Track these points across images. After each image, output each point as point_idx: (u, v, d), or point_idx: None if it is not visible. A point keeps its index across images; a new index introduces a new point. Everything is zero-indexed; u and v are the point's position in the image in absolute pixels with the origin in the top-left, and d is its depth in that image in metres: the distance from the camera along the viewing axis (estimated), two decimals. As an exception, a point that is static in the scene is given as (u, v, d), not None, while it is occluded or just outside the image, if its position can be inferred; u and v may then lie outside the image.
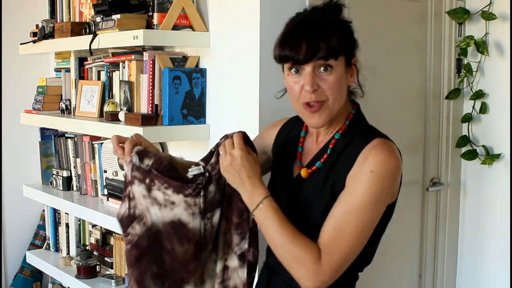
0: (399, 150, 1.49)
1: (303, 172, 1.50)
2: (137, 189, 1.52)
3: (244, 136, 1.48)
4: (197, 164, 1.53)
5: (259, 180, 1.44)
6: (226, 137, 1.49)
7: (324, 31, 1.38)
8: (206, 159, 1.53)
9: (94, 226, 2.68)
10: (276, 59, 1.46)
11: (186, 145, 2.32)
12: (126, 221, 1.53)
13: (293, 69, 1.42)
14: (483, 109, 2.69)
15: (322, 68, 1.39)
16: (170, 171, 1.52)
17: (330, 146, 1.48)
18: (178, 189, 1.49)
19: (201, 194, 1.48)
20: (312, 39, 1.37)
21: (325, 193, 1.45)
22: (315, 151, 1.52)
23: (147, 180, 1.51)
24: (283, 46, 1.41)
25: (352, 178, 1.40)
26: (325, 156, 1.48)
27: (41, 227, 3.32)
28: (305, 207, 1.48)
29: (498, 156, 2.66)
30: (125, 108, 2.34)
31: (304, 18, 1.43)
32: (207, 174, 1.50)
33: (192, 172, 1.51)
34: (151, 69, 2.20)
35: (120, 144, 1.56)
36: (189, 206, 1.48)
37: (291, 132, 1.63)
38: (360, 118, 1.54)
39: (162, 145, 2.41)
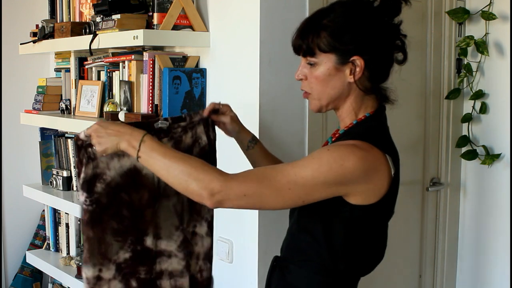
0: (397, 155, 1.51)
1: None
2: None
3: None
4: (166, 120, 1.61)
5: (131, 128, 1.46)
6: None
7: (309, 30, 1.45)
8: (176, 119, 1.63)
9: (94, 226, 2.68)
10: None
11: (186, 145, 2.32)
12: (90, 183, 1.53)
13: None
14: (483, 109, 2.70)
15: (308, 62, 1.48)
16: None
17: (333, 140, 1.55)
18: None
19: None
20: (298, 35, 1.47)
21: None
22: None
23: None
24: (292, 38, 1.50)
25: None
26: None
27: (41, 227, 3.32)
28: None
29: (498, 156, 2.66)
30: (125, 108, 2.34)
31: (314, 13, 1.50)
32: (167, 123, 1.59)
33: (158, 124, 1.58)
34: (151, 69, 2.21)
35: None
36: None
37: None
38: (371, 122, 1.53)
39: (162, 145, 2.41)
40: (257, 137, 1.89)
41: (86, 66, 2.67)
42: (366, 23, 1.46)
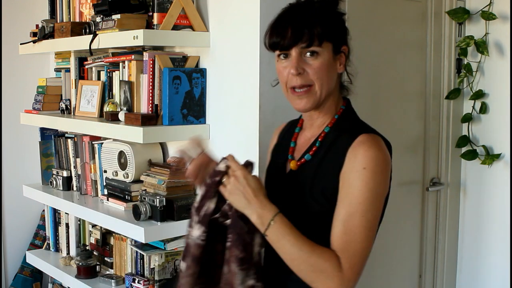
0: (389, 142, 1.49)
1: (292, 164, 1.51)
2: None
3: (247, 162, 1.47)
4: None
5: (266, 198, 1.41)
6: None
7: (308, 18, 1.42)
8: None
9: (94, 226, 2.68)
10: (266, 47, 1.49)
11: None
12: (210, 212, 1.48)
13: (282, 54, 1.45)
14: (483, 109, 2.70)
15: (308, 53, 1.42)
16: None
17: (319, 139, 1.49)
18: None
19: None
20: (297, 25, 1.41)
21: (316, 185, 1.45)
22: (306, 145, 1.53)
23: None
24: (271, 33, 1.45)
25: (347, 176, 1.40)
26: (314, 149, 1.49)
27: (41, 227, 3.32)
28: (297, 199, 1.48)
29: (498, 156, 2.66)
30: (125, 108, 2.34)
31: (292, 7, 1.47)
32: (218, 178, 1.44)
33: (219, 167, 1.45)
34: (151, 69, 2.20)
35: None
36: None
37: (287, 132, 1.65)
38: (350, 113, 1.55)
39: (162, 145, 2.41)
40: (257, 137, 1.89)
41: (86, 66, 2.67)
42: (342, 14, 1.50)
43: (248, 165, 1.46)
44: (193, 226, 1.46)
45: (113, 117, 2.32)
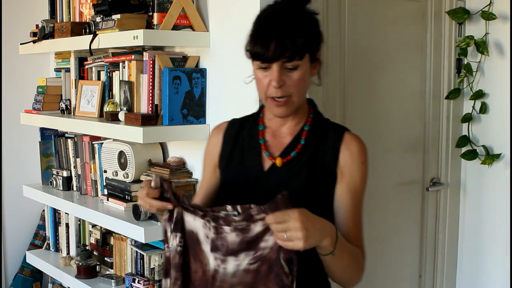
0: None
1: (278, 161, 1.54)
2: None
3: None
4: (235, 209, 1.42)
5: (324, 220, 1.39)
6: (260, 209, 1.37)
7: (291, 30, 1.43)
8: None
9: (94, 226, 2.68)
10: (247, 54, 1.50)
11: (186, 145, 2.32)
12: (180, 218, 1.48)
13: (262, 66, 1.47)
14: (483, 109, 2.70)
15: (289, 67, 1.45)
16: None
17: (303, 137, 1.55)
18: (191, 212, 1.46)
19: (212, 223, 1.42)
20: (280, 38, 1.42)
21: (306, 178, 1.52)
22: (285, 142, 1.57)
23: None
24: (255, 43, 1.46)
25: (348, 169, 1.52)
26: (299, 146, 1.55)
27: (41, 227, 3.32)
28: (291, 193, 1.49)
29: (498, 156, 2.66)
30: (125, 108, 2.34)
31: (276, 12, 1.48)
32: (236, 213, 1.40)
33: (225, 212, 1.42)
34: (151, 69, 2.21)
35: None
36: (206, 225, 1.43)
37: (242, 130, 1.65)
38: (319, 112, 1.63)
39: (162, 145, 2.41)
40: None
41: (86, 66, 2.67)
42: (317, 15, 1.52)
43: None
44: (169, 237, 1.47)
45: (113, 117, 2.32)
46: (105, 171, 2.49)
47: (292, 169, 1.53)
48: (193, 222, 1.45)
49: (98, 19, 2.37)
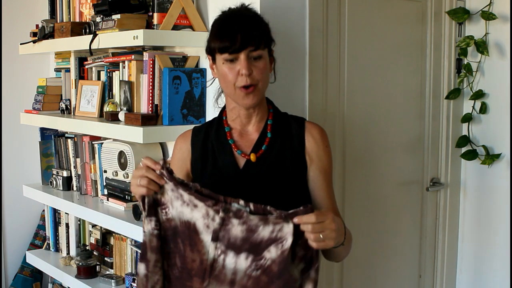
0: None
1: (252, 157, 1.66)
2: (166, 185, 1.50)
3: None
4: (247, 206, 1.45)
5: (338, 219, 1.50)
6: (294, 214, 1.40)
7: (252, 23, 1.61)
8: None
9: (94, 226, 2.68)
10: (212, 51, 1.64)
11: (186, 145, 2.32)
12: (151, 203, 1.50)
13: (229, 58, 1.59)
14: (483, 109, 2.70)
15: (253, 57, 1.59)
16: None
17: (268, 130, 1.69)
18: (201, 198, 1.47)
19: (220, 214, 1.45)
20: (244, 29, 1.57)
21: (280, 168, 1.66)
22: (253, 139, 1.69)
23: (174, 182, 1.50)
24: (221, 38, 1.60)
25: (315, 154, 1.69)
26: (267, 139, 1.68)
27: (41, 227, 3.32)
28: (264, 186, 1.64)
29: (498, 156, 2.66)
30: (125, 108, 2.34)
31: (234, 14, 1.65)
32: (248, 209, 1.43)
33: (235, 205, 1.45)
34: (151, 69, 2.21)
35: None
36: (207, 216, 1.46)
37: (208, 136, 1.73)
38: (275, 106, 1.77)
39: (162, 145, 2.41)
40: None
41: (86, 66, 2.67)
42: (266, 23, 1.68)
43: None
44: (145, 223, 1.51)
45: (113, 117, 2.32)
46: (105, 171, 2.49)
47: (266, 162, 1.66)
48: (190, 214, 1.48)
49: (98, 19, 2.37)
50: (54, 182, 2.80)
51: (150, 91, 2.21)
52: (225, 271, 1.46)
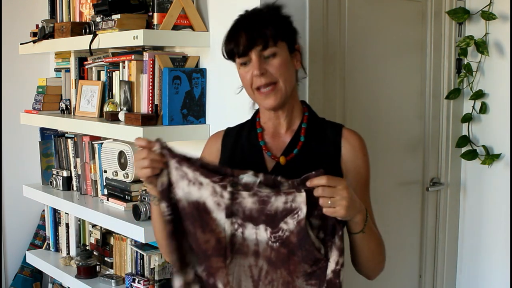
0: None
1: (282, 160, 1.57)
2: (170, 163, 1.45)
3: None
4: (256, 176, 1.41)
5: (356, 197, 1.41)
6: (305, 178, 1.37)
7: (260, 23, 1.51)
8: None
9: (94, 226, 2.68)
10: (225, 57, 1.57)
11: (186, 145, 2.32)
12: (167, 188, 1.45)
13: (242, 62, 1.53)
14: (483, 109, 2.70)
15: (267, 55, 1.50)
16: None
17: (302, 134, 1.59)
18: (206, 174, 1.42)
19: (228, 189, 1.40)
20: (250, 30, 1.50)
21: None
22: (285, 142, 1.60)
23: (177, 158, 1.45)
24: (228, 43, 1.54)
25: (353, 163, 1.58)
26: (300, 143, 1.59)
27: (41, 227, 3.32)
28: None
29: (498, 156, 2.66)
30: (125, 108, 2.34)
31: (243, 17, 1.57)
32: (255, 180, 1.40)
33: (243, 178, 1.41)
34: (151, 69, 2.21)
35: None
36: (215, 193, 1.41)
37: (240, 136, 1.68)
38: (312, 110, 1.67)
39: (162, 145, 2.41)
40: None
41: (86, 66, 2.67)
42: (289, 16, 1.58)
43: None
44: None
45: (113, 117, 2.32)
46: (105, 171, 2.49)
47: (296, 166, 1.56)
48: (197, 192, 1.43)
49: (98, 19, 2.37)
50: (54, 182, 2.80)
51: (150, 91, 2.21)
52: (247, 243, 1.42)
